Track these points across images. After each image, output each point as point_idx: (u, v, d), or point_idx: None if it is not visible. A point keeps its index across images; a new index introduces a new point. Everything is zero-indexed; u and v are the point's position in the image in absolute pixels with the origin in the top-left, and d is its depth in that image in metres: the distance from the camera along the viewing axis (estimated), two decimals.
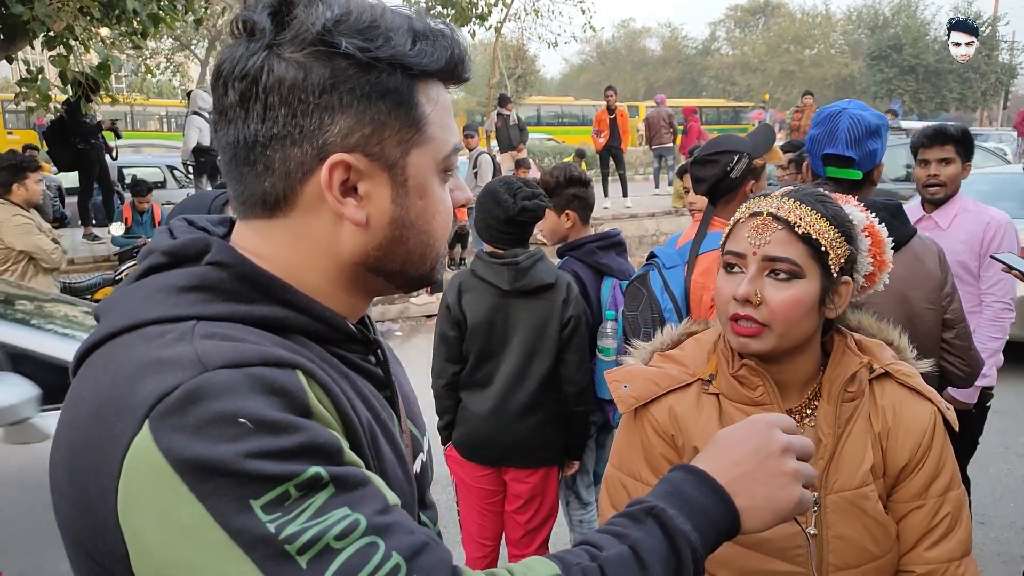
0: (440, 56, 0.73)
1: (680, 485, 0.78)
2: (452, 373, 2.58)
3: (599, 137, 12.15)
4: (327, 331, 0.75)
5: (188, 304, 0.68)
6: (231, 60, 0.69)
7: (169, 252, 0.73)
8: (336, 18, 0.68)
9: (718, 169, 2.23)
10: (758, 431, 0.82)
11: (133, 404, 0.61)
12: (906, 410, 1.24)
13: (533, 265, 2.46)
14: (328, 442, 0.63)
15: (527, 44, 16.59)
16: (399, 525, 0.64)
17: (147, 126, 25.53)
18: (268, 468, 0.59)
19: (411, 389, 0.96)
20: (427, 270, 0.80)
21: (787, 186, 1.27)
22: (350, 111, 0.70)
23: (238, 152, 0.71)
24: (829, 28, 42.40)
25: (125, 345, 0.67)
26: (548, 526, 2.66)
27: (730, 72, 43.89)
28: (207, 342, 0.64)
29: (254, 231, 0.75)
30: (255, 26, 0.69)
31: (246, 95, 0.69)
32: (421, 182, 0.75)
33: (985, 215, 2.97)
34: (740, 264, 1.21)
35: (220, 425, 0.59)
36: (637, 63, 48.54)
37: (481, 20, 11.13)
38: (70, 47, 6.03)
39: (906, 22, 35.22)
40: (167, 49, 21.17)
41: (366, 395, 0.77)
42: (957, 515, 1.23)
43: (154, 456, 0.59)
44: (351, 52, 0.68)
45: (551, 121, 28.63)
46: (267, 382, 0.63)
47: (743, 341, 1.19)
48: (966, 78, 32.72)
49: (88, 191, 9.76)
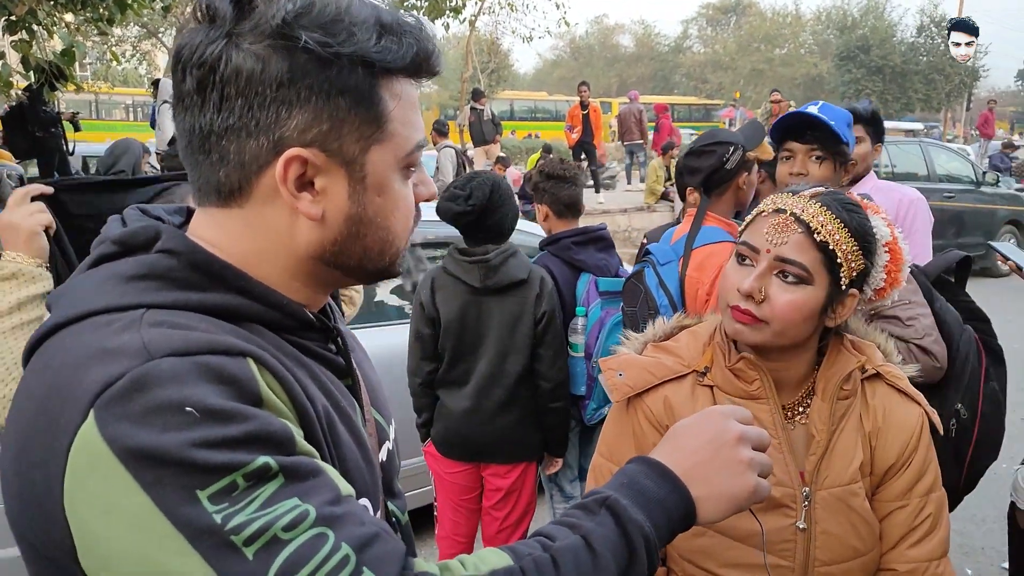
0: (406, 52, 0.71)
1: (635, 476, 0.79)
2: (427, 372, 2.56)
3: (572, 133, 12.17)
4: (283, 319, 0.74)
5: (137, 293, 0.67)
6: (190, 46, 0.68)
7: (119, 240, 0.72)
8: (298, 10, 0.66)
9: (714, 160, 2.23)
10: (713, 421, 0.83)
11: (78, 393, 0.60)
12: (895, 411, 1.26)
13: (504, 262, 2.43)
14: (278, 431, 0.62)
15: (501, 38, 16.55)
16: (350, 516, 0.63)
17: (112, 115, 25.04)
18: (215, 457, 0.58)
19: (376, 378, 0.95)
20: (385, 264, 0.79)
21: (818, 185, 1.25)
22: (308, 106, 0.68)
23: (194, 140, 0.70)
24: (799, 28, 42.95)
25: (73, 335, 0.65)
26: (525, 523, 2.65)
27: (701, 70, 44.27)
28: (154, 330, 0.63)
29: (210, 218, 0.74)
30: (216, 12, 0.67)
31: (203, 83, 0.67)
32: (380, 179, 0.73)
33: (897, 193, 3.00)
34: (752, 258, 1.20)
35: (165, 413, 0.58)
36: (610, 59, 48.72)
37: (455, 13, 11.07)
38: (33, 32, 5.87)
39: (874, 23, 35.81)
40: (134, 37, 20.74)
41: (324, 383, 0.76)
42: (938, 516, 1.25)
43: (99, 446, 0.57)
44: (311, 47, 0.66)
45: (524, 116, 28.64)
46: (215, 370, 0.62)
47: (738, 328, 1.19)
48: (931, 80, 33.36)
49: None
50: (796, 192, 1.22)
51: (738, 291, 1.18)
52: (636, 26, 50.66)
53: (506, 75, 29.29)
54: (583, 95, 11.89)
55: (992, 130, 18.54)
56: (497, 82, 26.19)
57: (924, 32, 34.47)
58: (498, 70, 25.79)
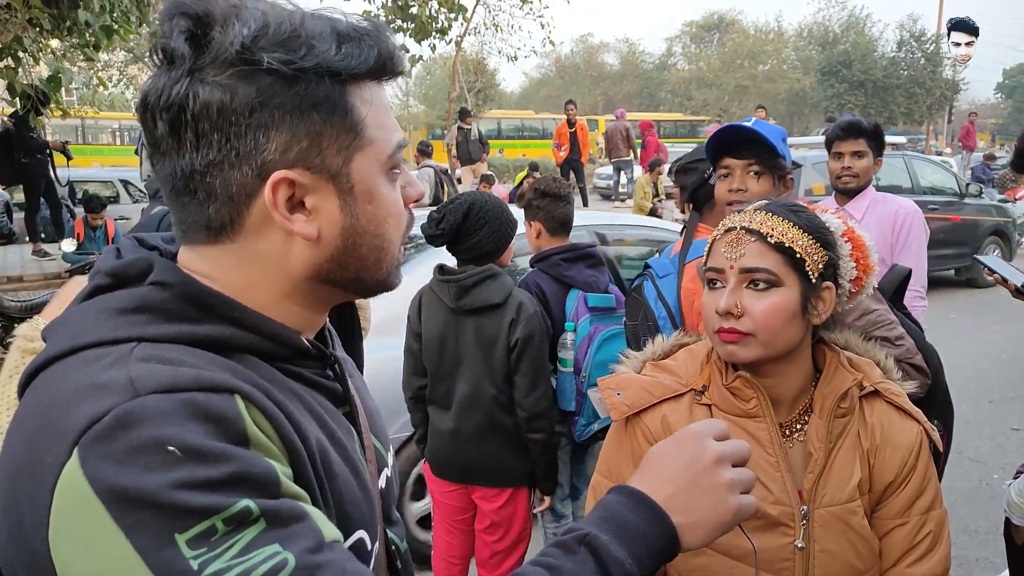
0: (368, 56, 0.70)
1: (615, 508, 0.76)
2: (417, 387, 2.57)
3: (559, 150, 12.24)
4: (278, 348, 0.73)
5: (129, 326, 0.67)
6: (155, 91, 0.67)
7: (112, 273, 0.71)
8: (254, 34, 0.66)
9: (696, 176, 2.30)
10: (687, 444, 0.81)
11: (64, 430, 0.59)
12: (894, 428, 1.26)
13: (477, 284, 2.40)
14: (262, 472, 0.61)
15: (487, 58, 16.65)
16: (332, 564, 0.61)
17: (99, 139, 24.96)
18: (195, 500, 0.57)
19: (375, 404, 0.94)
20: (384, 275, 0.78)
21: (761, 200, 1.29)
22: (284, 127, 0.68)
23: (177, 183, 0.69)
24: (781, 44, 43.43)
25: (65, 369, 0.65)
26: (520, 550, 2.60)
27: (686, 87, 44.64)
28: (143, 365, 0.63)
29: (199, 255, 0.73)
30: (174, 53, 0.66)
31: (175, 124, 0.67)
32: (368, 186, 0.73)
33: (893, 204, 3.05)
34: (720, 279, 1.23)
35: (148, 453, 0.57)
36: (596, 77, 49.08)
37: (441, 34, 11.12)
38: (19, 59, 5.87)
39: (855, 39, 36.26)
40: (120, 61, 20.73)
41: (319, 413, 0.75)
42: (938, 534, 1.25)
43: (82, 485, 0.57)
44: (274, 67, 0.66)
45: (511, 134, 28.77)
46: (200, 408, 0.61)
47: (730, 349, 1.21)
48: (912, 93, 33.76)
49: (34, 207, 9.50)
50: (740, 211, 1.27)
51: (717, 312, 1.20)
52: (621, 44, 51.15)
53: (493, 94, 29.41)
54: (570, 113, 11.99)
55: (974, 142, 18.80)
56: (484, 101, 26.30)
57: (904, 47, 34.93)
58: (485, 89, 25.90)
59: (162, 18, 0.68)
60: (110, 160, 18.66)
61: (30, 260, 9.18)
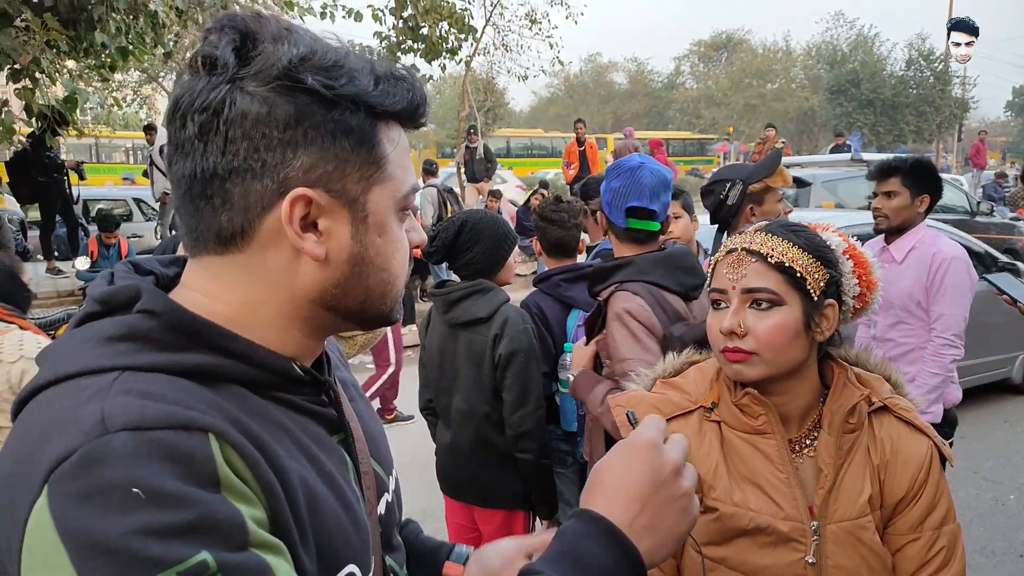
0: (402, 98, 0.73)
1: (576, 541, 0.72)
2: (427, 399, 2.64)
3: (569, 168, 12.28)
4: (268, 377, 0.73)
5: (115, 355, 0.66)
6: (190, 93, 0.68)
7: (100, 300, 0.71)
8: (301, 55, 0.68)
9: (713, 198, 2.39)
10: (643, 456, 0.76)
11: (37, 466, 0.59)
12: (904, 444, 1.26)
13: (463, 298, 2.42)
14: (226, 521, 0.59)
15: (496, 77, 16.75)
16: None
17: (112, 158, 25.22)
18: (152, 550, 0.55)
19: (378, 427, 0.93)
20: (387, 309, 0.79)
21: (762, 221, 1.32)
22: (313, 147, 0.69)
23: (194, 185, 0.70)
24: (790, 63, 43.53)
25: (49, 399, 0.65)
26: None
27: (695, 105, 44.74)
28: (119, 399, 0.62)
29: (205, 269, 0.74)
30: (216, 61, 0.68)
31: (206, 127, 0.68)
32: (381, 219, 0.75)
33: (933, 247, 2.95)
34: (724, 299, 1.26)
35: (110, 494, 0.56)
36: (604, 96, 49.29)
37: (452, 54, 11.22)
38: (36, 80, 5.96)
39: (863, 58, 36.33)
40: (134, 82, 20.99)
41: (307, 446, 0.74)
42: (952, 549, 1.24)
43: (47, 525, 0.56)
44: (316, 88, 0.68)
45: (521, 153, 28.93)
46: (168, 448, 0.59)
47: (736, 368, 1.23)
48: (922, 112, 33.75)
49: (49, 225, 9.61)
50: (741, 233, 1.29)
51: (721, 332, 1.22)
52: (629, 64, 51.42)
53: (502, 113, 29.61)
54: (579, 131, 12.03)
55: (984, 160, 18.72)
56: (493, 120, 26.47)
57: (913, 65, 34.98)
58: (494, 108, 26.08)
59: (210, 28, 0.71)
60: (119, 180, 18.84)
61: (44, 278, 9.27)
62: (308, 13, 9.52)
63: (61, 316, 5.79)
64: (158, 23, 6.27)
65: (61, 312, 5.90)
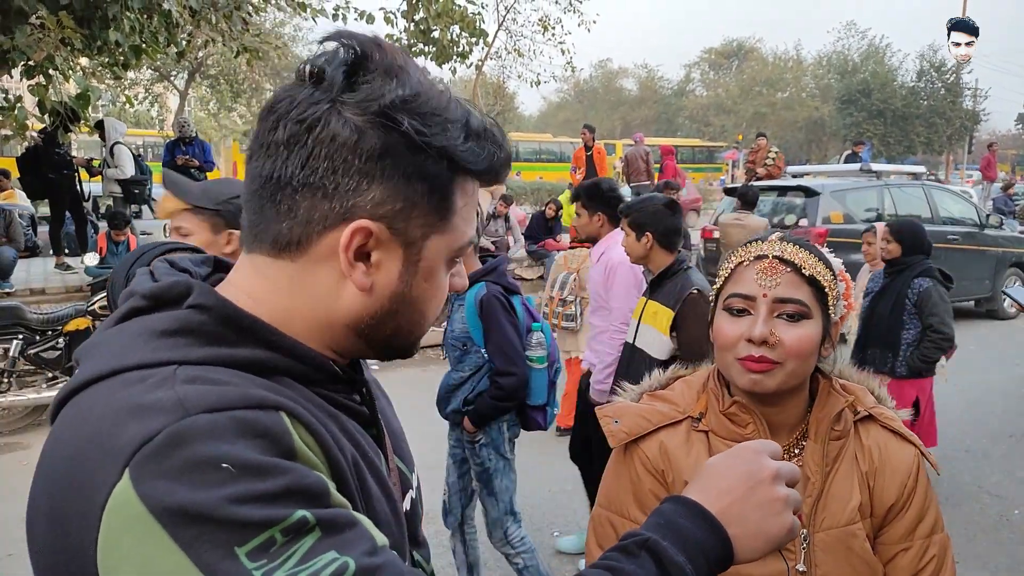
0: (485, 158, 0.75)
1: (672, 517, 0.78)
2: None
3: (576, 174, 12.29)
4: (311, 372, 0.75)
5: (169, 348, 0.68)
6: (289, 100, 0.71)
7: (150, 295, 0.73)
8: (406, 96, 0.70)
9: None
10: (746, 458, 0.82)
11: (114, 450, 0.60)
12: (891, 451, 1.27)
13: None
14: (314, 484, 0.63)
15: (506, 82, 16.82)
16: (388, 566, 0.63)
17: None
18: (252, 513, 0.58)
19: (399, 425, 0.96)
20: (409, 345, 0.82)
21: (775, 231, 1.31)
22: (388, 183, 0.71)
23: (267, 186, 0.72)
24: (800, 72, 43.48)
25: (106, 390, 0.66)
26: None
27: (704, 113, 44.74)
28: (188, 387, 0.64)
29: (255, 268, 0.76)
30: (325, 76, 0.70)
31: (295, 138, 0.70)
32: (432, 265, 0.77)
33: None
34: (749, 306, 1.22)
35: (202, 470, 0.58)
36: (614, 102, 49.33)
37: (462, 58, 11.26)
38: (49, 77, 6.00)
39: (874, 68, 36.28)
40: (146, 80, 21.13)
41: (352, 434, 0.77)
42: (942, 559, 1.24)
43: (134, 504, 0.58)
44: (408, 131, 0.70)
45: (529, 157, 28.95)
46: (250, 425, 0.62)
47: (755, 378, 1.20)
48: (932, 123, 33.67)
49: (59, 221, 9.67)
50: (760, 240, 1.27)
51: (749, 341, 1.19)
52: (639, 70, 51.42)
53: (512, 117, 29.70)
54: (585, 138, 12.04)
55: (994, 173, 18.63)
56: (503, 124, 26.55)
57: (924, 76, 34.90)
58: (504, 112, 26.16)
59: (328, 36, 0.72)
60: None
61: (53, 273, 9.32)
62: (320, 15, 9.56)
63: (70, 311, 5.81)
64: (172, 22, 6.31)
65: (70, 307, 5.93)
